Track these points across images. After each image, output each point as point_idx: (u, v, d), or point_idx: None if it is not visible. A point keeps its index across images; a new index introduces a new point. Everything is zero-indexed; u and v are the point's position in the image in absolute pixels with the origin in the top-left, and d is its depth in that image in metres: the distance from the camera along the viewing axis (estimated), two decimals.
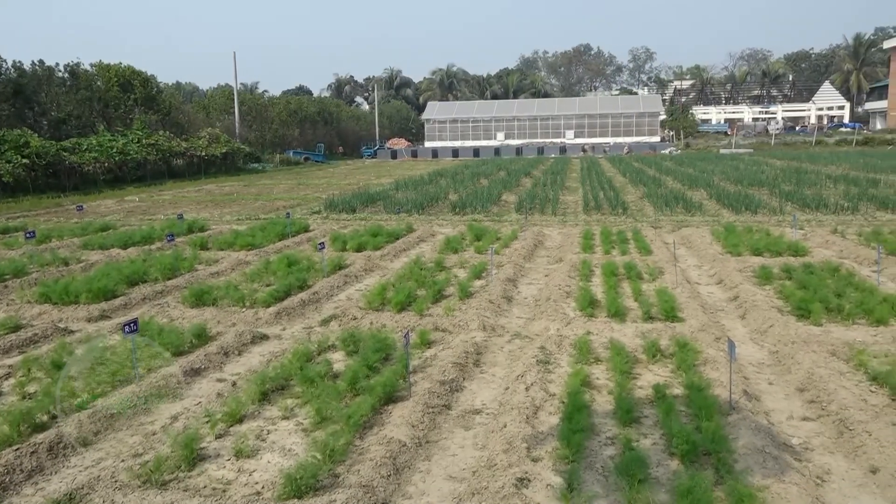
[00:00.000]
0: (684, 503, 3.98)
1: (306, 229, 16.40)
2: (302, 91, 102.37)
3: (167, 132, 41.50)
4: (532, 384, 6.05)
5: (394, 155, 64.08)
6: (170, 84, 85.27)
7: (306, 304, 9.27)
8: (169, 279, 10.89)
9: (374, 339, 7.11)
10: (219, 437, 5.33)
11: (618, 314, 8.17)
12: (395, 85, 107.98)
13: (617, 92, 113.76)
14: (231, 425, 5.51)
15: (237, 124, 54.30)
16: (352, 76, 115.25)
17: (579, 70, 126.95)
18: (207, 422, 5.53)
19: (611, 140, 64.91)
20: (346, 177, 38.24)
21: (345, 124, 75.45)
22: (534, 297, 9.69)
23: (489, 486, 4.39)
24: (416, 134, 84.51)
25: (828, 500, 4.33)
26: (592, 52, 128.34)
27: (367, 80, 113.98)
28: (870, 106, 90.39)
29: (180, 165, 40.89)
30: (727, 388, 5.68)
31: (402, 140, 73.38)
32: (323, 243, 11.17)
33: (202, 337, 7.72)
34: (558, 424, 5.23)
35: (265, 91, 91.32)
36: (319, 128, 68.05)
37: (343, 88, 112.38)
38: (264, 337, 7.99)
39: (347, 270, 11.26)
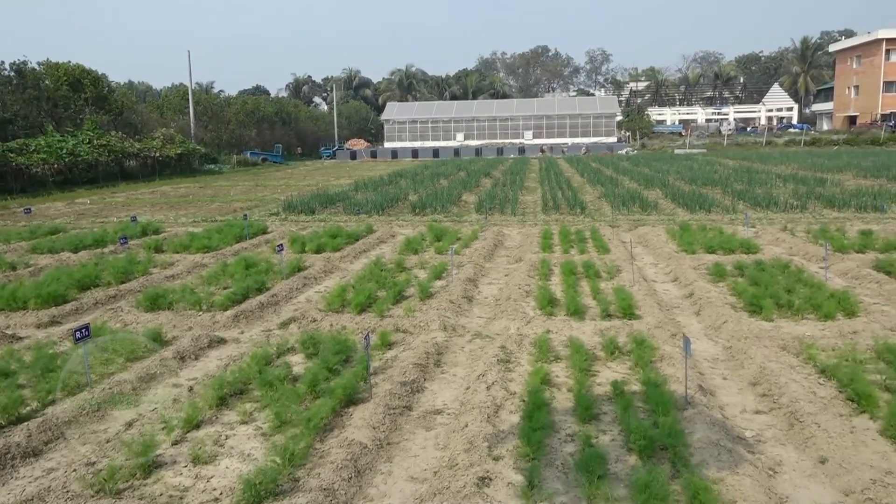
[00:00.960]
0: (642, 497, 4.05)
1: (264, 231, 16.19)
2: (259, 91, 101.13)
3: (120, 133, 40.54)
4: (493, 383, 6.08)
5: (353, 156, 63.71)
6: (122, 83, 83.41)
7: (265, 307, 9.15)
8: (122, 283, 10.64)
9: (334, 341, 7.06)
10: (175, 443, 5.23)
11: (577, 312, 8.27)
12: (353, 85, 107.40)
13: (574, 93, 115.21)
14: (188, 431, 5.41)
15: (192, 124, 53.33)
16: (310, 76, 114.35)
17: (537, 71, 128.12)
18: (164, 428, 5.42)
19: (569, 140, 65.63)
20: (305, 178, 37.89)
21: (303, 125, 74.73)
22: (494, 296, 9.74)
23: (451, 486, 4.40)
24: (375, 134, 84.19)
25: (780, 490, 4.45)
26: (550, 54, 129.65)
27: (326, 80, 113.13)
28: (817, 107, 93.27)
29: (134, 167, 39.97)
30: (683, 383, 5.79)
31: (362, 141, 72.98)
32: (281, 245, 11.04)
33: (157, 341, 7.56)
34: (519, 423, 5.26)
35: (221, 91, 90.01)
36: (277, 128, 67.26)
37: (301, 88, 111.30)
38: (222, 341, 7.86)
39: (307, 272, 11.15)
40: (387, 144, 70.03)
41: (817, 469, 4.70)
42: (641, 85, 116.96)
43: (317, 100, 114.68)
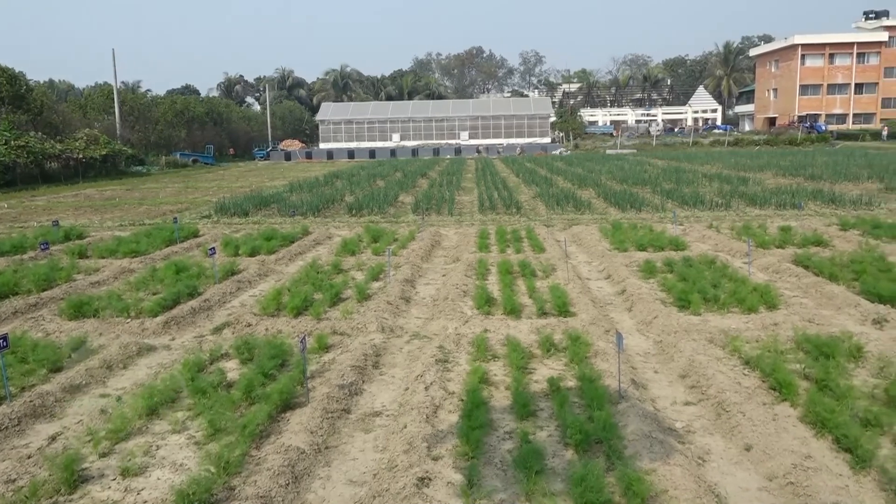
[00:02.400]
0: (578, 491, 4.13)
1: (196, 234, 15.76)
2: (189, 91, 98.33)
3: (39, 133, 38.70)
4: (431, 383, 6.09)
5: (287, 156, 62.70)
6: (42, 82, 79.68)
7: (197, 313, 8.91)
8: (44, 290, 10.16)
9: (269, 345, 6.94)
10: (103, 455, 5.04)
11: (513, 311, 8.37)
12: (287, 85, 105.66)
13: (509, 94, 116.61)
14: (116, 443, 5.22)
15: (118, 125, 51.41)
16: (242, 76, 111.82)
17: (472, 72, 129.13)
18: (90, 440, 5.21)
19: (504, 141, 66.35)
20: (238, 179, 37.08)
21: (235, 125, 73.04)
22: (432, 296, 9.76)
23: (390, 488, 4.39)
24: (310, 135, 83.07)
25: (708, 478, 4.61)
26: (484, 55, 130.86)
27: (258, 80, 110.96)
28: (739, 109, 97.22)
29: (55, 169, 38.23)
30: (616, 378, 5.94)
31: (296, 141, 71.89)
32: (214, 248, 10.78)
33: (82, 350, 7.26)
34: (458, 422, 5.29)
35: (148, 90, 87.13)
36: (208, 129, 65.53)
37: (233, 88, 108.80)
38: (151, 348, 7.61)
39: (241, 276, 10.92)
40: (322, 145, 69.19)
41: (743, 456, 4.89)
42: (574, 86, 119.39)
43: (249, 100, 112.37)
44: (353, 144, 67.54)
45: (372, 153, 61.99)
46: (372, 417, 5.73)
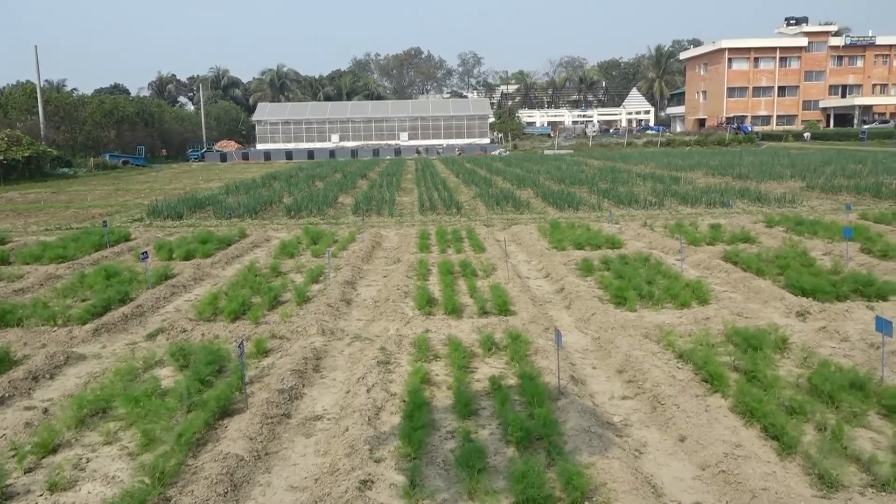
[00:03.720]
0: (519, 487, 4.18)
1: (127, 238, 15.24)
2: (118, 90, 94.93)
3: None
4: (373, 385, 6.06)
5: (223, 157, 61.27)
6: None
7: (129, 319, 8.61)
8: None
9: (205, 351, 6.77)
10: (28, 470, 4.82)
11: (455, 311, 8.40)
12: (222, 85, 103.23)
13: (448, 95, 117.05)
14: (43, 456, 5.00)
15: (42, 125, 49.20)
16: (174, 75, 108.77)
17: (411, 73, 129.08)
18: (14, 455, 4.97)
19: (444, 142, 66.54)
20: (172, 181, 36.05)
21: (168, 125, 70.91)
22: (373, 298, 9.71)
23: (332, 492, 4.34)
24: (246, 136, 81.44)
25: (645, 470, 4.74)
26: (423, 56, 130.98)
27: (192, 79, 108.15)
28: (671, 111, 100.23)
29: None
30: (556, 374, 6.04)
31: (232, 142, 70.30)
32: (146, 252, 10.45)
33: (5, 361, 6.93)
34: (400, 423, 5.28)
35: (75, 90, 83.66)
36: (140, 129, 63.37)
37: (165, 88, 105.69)
38: (81, 357, 7.32)
39: (175, 280, 10.62)
40: (259, 146, 67.92)
41: (678, 447, 5.04)
42: (512, 88, 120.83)
43: (182, 99, 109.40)
44: (291, 145, 66.55)
45: (311, 154, 61.19)
46: (313, 421, 5.66)
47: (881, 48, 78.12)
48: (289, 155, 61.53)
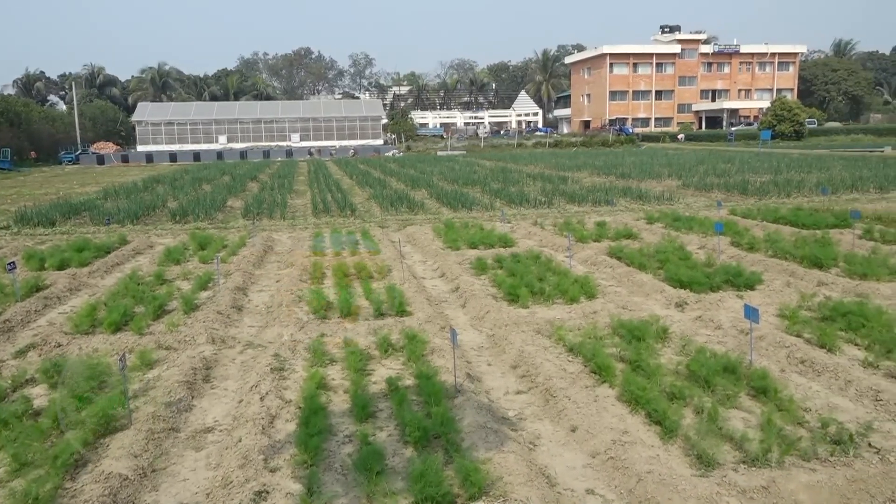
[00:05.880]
0: (418, 487, 4.20)
1: None
2: None
3: None
4: (267, 393, 5.91)
5: (101, 160, 57.74)
6: None
7: None
8: None
9: (83, 366, 6.36)
10: None
11: (350, 314, 8.33)
12: (98, 83, 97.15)
13: (340, 96, 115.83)
14: None
15: None
16: (43, 72, 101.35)
17: (301, 73, 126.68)
18: None
19: (337, 143, 65.78)
20: (43, 185, 33.60)
21: (37, 126, 65.86)
22: (266, 303, 9.46)
23: None
24: (126, 137, 77.08)
25: (539, 461, 4.88)
26: (313, 56, 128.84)
27: (63, 77, 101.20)
28: (558, 113, 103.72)
29: None
30: (453, 373, 6.11)
31: (110, 144, 66.42)
32: (13, 263, 9.68)
33: None
34: (296, 430, 5.17)
35: None
36: (4, 130, 58.48)
37: (33, 86, 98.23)
38: None
39: (48, 292, 9.91)
40: (140, 147, 64.53)
41: (569, 437, 5.23)
42: (404, 89, 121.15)
43: (53, 98, 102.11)
44: (175, 147, 63.67)
45: (196, 156, 58.76)
46: (203, 434, 5.45)
47: (745, 56, 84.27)
48: (173, 157, 58.83)
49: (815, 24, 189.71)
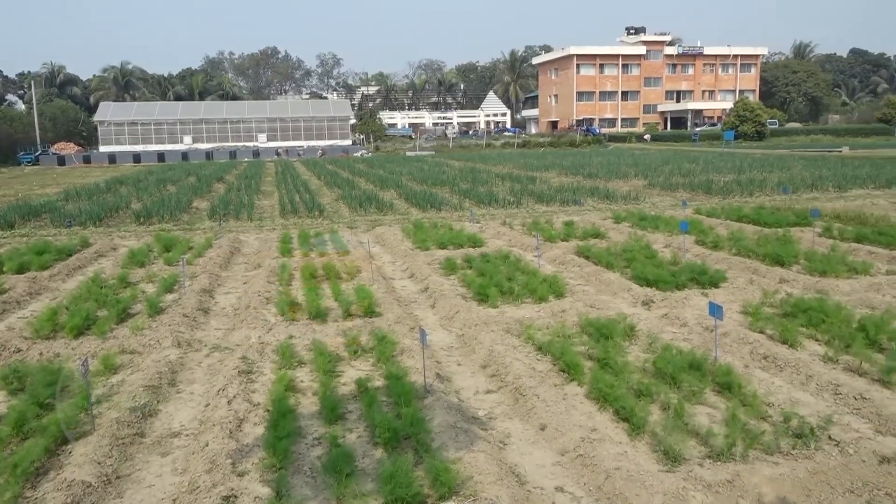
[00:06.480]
0: (388, 488, 4.19)
1: None
2: None
3: None
4: (235, 396, 5.84)
5: (61, 161, 56.46)
6: None
7: None
8: None
9: (44, 371, 6.21)
10: None
11: (319, 315, 8.27)
12: (58, 82, 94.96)
13: (307, 96, 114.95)
14: None
15: None
16: (0, 70, 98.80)
17: (268, 73, 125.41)
18: None
19: (304, 143, 65.25)
20: (1, 187, 32.74)
21: None
22: (233, 306, 9.34)
23: None
24: (88, 137, 75.40)
25: (509, 460, 4.90)
26: (280, 56, 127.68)
27: (22, 76, 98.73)
28: (526, 113, 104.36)
29: None
30: (423, 373, 6.10)
31: (72, 144, 64.97)
32: None
33: None
34: (264, 433, 5.12)
35: None
36: None
37: None
38: None
39: (6, 296, 9.66)
40: (103, 148, 63.23)
41: (539, 436, 5.26)
42: (372, 89, 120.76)
43: (11, 98, 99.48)
44: (139, 147, 62.57)
45: (161, 156, 57.81)
46: (170, 439, 5.36)
47: (709, 58, 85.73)
48: (137, 157, 57.82)
49: (775, 26, 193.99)
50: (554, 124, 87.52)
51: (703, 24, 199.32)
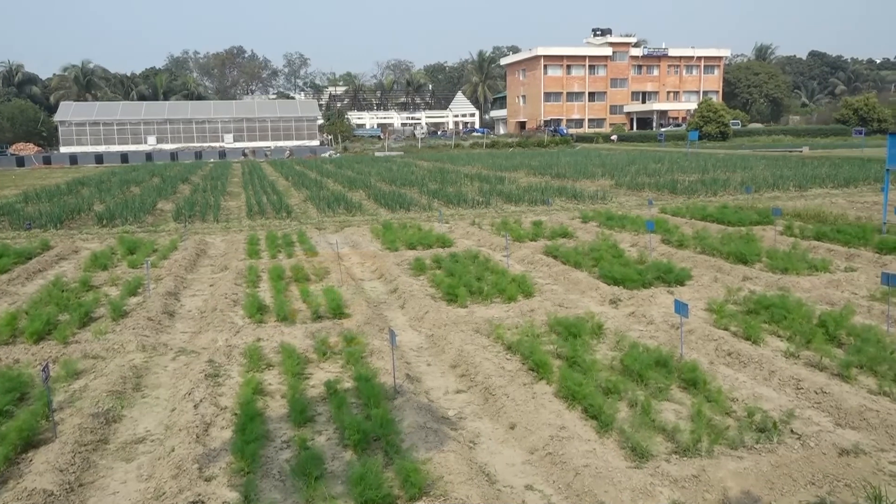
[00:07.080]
0: (358, 490, 4.17)
1: None
2: None
3: None
4: (201, 400, 5.76)
5: (20, 162, 55.07)
6: None
7: None
8: None
9: (2, 378, 6.05)
10: None
11: (287, 317, 8.20)
12: (16, 81, 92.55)
13: (274, 96, 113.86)
14: None
15: None
16: None
17: (234, 73, 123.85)
18: None
19: (272, 144, 64.64)
20: None
21: None
22: (199, 308, 9.22)
23: None
24: (48, 138, 73.68)
25: (479, 459, 4.92)
26: (247, 55, 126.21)
27: None
28: (494, 114, 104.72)
29: None
30: (392, 374, 6.09)
31: (31, 145, 63.48)
32: None
33: None
34: (232, 437, 5.06)
35: None
36: None
37: None
38: None
39: None
40: (63, 149, 61.85)
41: (508, 435, 5.29)
42: (340, 90, 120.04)
43: None
44: (101, 148, 61.34)
45: (124, 157, 56.72)
46: (134, 445, 5.27)
47: (673, 59, 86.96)
48: (99, 158, 56.64)
49: (737, 29, 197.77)
50: (522, 125, 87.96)
51: (667, 27, 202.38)
